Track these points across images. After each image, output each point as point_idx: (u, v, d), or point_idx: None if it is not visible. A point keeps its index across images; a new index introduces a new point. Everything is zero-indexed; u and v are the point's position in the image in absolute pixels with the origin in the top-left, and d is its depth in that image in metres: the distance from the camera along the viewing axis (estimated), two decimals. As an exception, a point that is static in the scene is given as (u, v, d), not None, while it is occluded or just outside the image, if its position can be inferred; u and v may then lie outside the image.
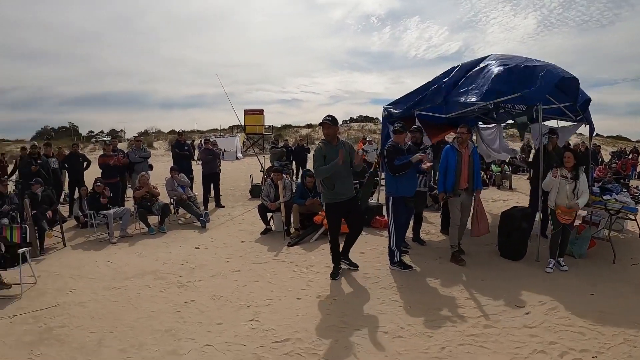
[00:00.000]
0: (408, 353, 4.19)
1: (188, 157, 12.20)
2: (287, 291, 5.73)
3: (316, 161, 5.96)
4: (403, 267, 6.51)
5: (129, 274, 6.51)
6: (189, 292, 5.66)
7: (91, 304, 5.45)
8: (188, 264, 6.83)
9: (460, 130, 7.05)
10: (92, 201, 9.10)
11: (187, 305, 5.24)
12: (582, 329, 4.74)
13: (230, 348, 4.22)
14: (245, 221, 10.08)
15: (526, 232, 7.18)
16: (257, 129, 37.53)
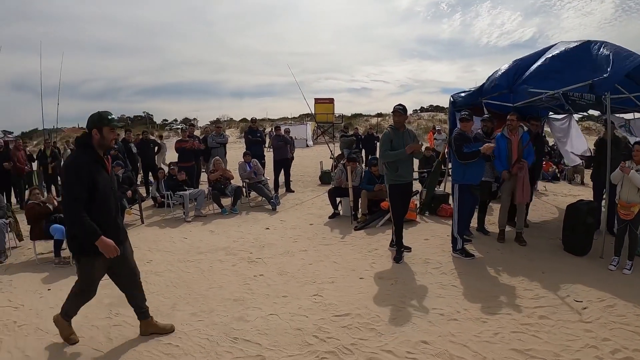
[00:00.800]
0: (461, 335, 4.31)
1: (260, 143, 12.62)
2: (351, 271, 5.95)
3: (383, 145, 6.29)
4: (465, 255, 6.59)
5: (202, 249, 6.94)
6: (258, 267, 6.00)
7: (166, 274, 5.89)
8: (258, 242, 7.20)
9: (510, 117, 7.22)
10: (169, 182, 9.67)
11: (256, 279, 5.58)
12: (638, 329, 4.65)
13: (293, 318, 4.50)
14: (314, 205, 10.39)
15: (591, 227, 7.04)
16: (328, 118, 37.64)
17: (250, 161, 10.54)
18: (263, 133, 14.04)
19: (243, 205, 10.17)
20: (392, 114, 6.48)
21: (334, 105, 39.28)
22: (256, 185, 10.31)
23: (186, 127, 13.73)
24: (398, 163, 6.24)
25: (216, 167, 10.07)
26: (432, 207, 9.36)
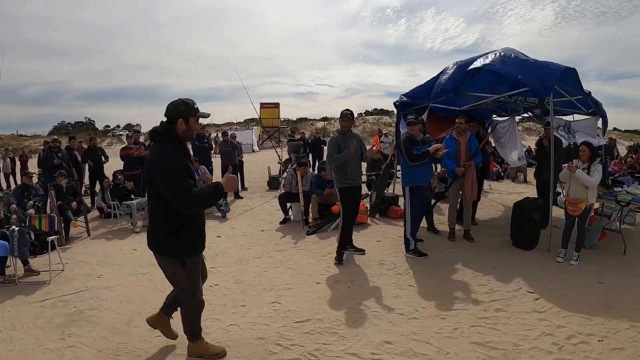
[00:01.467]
0: (422, 332, 4.44)
1: (208, 149, 12.48)
2: (307, 276, 5.98)
3: (331, 149, 6.38)
4: (418, 254, 6.75)
5: (153, 260, 6.65)
6: (213, 277, 5.84)
7: (119, 289, 5.74)
8: (210, 251, 7.06)
9: (458, 120, 7.50)
10: (115, 192, 9.43)
11: (212, 289, 5.48)
12: (590, 314, 4.93)
13: (254, 327, 4.48)
14: (264, 211, 10.36)
15: (537, 223, 7.35)
16: (273, 122, 37.76)
17: (199, 168, 10.39)
18: (210, 139, 13.89)
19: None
20: (340, 119, 6.58)
21: (279, 109, 39.38)
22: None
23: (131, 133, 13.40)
24: (347, 166, 6.34)
25: None
26: (382, 209, 9.53)
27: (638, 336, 4.50)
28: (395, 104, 9.36)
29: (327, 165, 7.23)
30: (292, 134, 18.67)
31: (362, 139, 6.86)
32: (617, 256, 7.04)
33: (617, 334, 4.54)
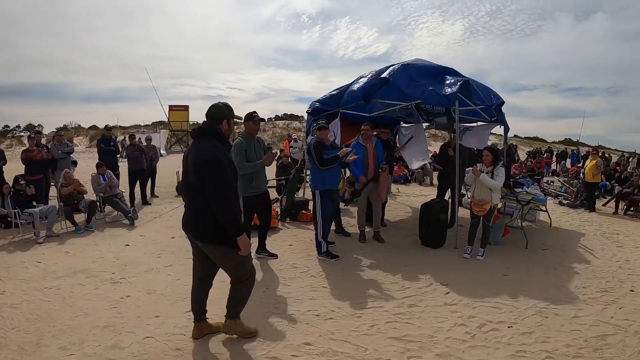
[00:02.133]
0: (340, 332, 4.60)
1: (114, 152, 12.04)
2: (221, 283, 5.84)
3: (237, 155, 6.21)
4: (330, 257, 6.93)
5: (59, 273, 6.49)
6: (124, 288, 5.75)
7: (24, 306, 5.41)
8: (119, 260, 6.88)
9: (364, 127, 7.78)
10: (16, 199, 8.83)
11: (123, 301, 5.35)
12: (498, 304, 5.41)
13: (170, 338, 4.41)
14: (173, 218, 10.15)
15: (444, 222, 7.80)
16: (182, 126, 36.73)
17: (105, 173, 10.03)
18: (116, 142, 13.41)
19: (98, 221, 9.58)
20: (251, 122, 6.50)
21: (188, 112, 38.32)
22: (111, 199, 9.83)
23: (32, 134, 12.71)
24: (253, 174, 6.35)
25: (68, 180, 9.30)
26: (292, 214, 9.64)
27: (544, 320, 5.01)
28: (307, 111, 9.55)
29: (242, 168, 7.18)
30: (200, 138, 18.40)
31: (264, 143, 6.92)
32: (519, 250, 7.67)
33: (525, 319, 5.03)
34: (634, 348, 4.52)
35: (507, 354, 4.29)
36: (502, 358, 4.23)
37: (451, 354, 4.25)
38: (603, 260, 7.58)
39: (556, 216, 11.29)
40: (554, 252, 7.88)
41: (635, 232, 10.21)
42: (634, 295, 6.03)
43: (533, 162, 23.39)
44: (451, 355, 4.23)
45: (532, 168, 20.72)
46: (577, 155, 27.93)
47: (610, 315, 5.31)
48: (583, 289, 6.15)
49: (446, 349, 4.34)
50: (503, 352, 4.32)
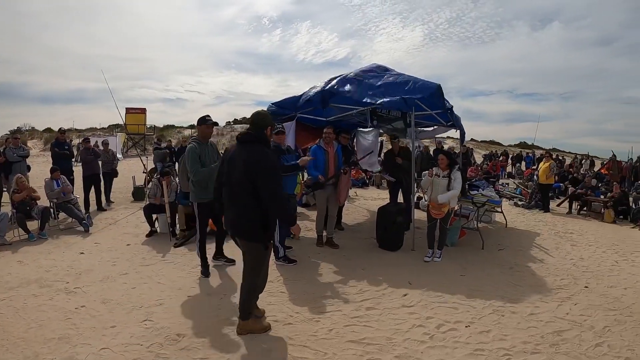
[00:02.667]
0: (298, 337, 4.58)
1: (69, 157, 11.69)
2: (177, 290, 5.86)
3: (192, 161, 6.12)
4: (288, 261, 6.92)
5: (11, 283, 6.26)
6: (78, 298, 5.59)
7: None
8: (74, 269, 6.68)
9: (327, 131, 7.76)
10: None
11: (78, 311, 5.19)
12: (455, 304, 5.51)
13: (127, 349, 4.30)
14: (129, 224, 9.94)
15: (401, 225, 7.87)
16: (139, 129, 35.90)
17: (59, 178, 9.74)
18: (71, 145, 13.04)
19: (52, 228, 9.26)
20: (202, 126, 6.40)
21: (146, 115, 37.49)
22: (65, 205, 9.55)
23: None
24: (208, 179, 6.16)
25: (20, 186, 8.96)
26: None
27: (501, 319, 5.12)
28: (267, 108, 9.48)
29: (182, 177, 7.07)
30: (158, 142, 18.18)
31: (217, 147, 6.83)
32: (476, 251, 7.82)
33: (482, 318, 5.13)
34: (589, 342, 4.68)
35: (465, 353, 4.36)
36: (460, 357, 4.30)
37: (410, 355, 4.29)
38: (557, 259, 7.79)
39: (511, 217, 11.56)
40: (509, 252, 8.05)
41: (588, 231, 10.54)
42: (589, 292, 6.22)
43: (489, 165, 23.94)
44: (410, 357, 4.27)
45: (488, 171, 21.17)
46: (532, 158, 28.61)
47: (565, 312, 5.47)
48: (538, 287, 6.32)
49: (405, 350, 4.38)
50: (461, 352, 4.39)
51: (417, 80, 7.88)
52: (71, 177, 10.99)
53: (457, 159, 7.97)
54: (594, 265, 7.60)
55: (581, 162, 28.22)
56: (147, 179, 13.94)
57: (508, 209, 13.15)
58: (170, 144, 17.80)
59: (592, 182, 14.54)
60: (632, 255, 8.40)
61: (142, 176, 14.57)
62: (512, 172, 27.17)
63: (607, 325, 5.14)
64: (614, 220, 12.27)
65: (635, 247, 9.17)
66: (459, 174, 7.18)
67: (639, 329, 5.10)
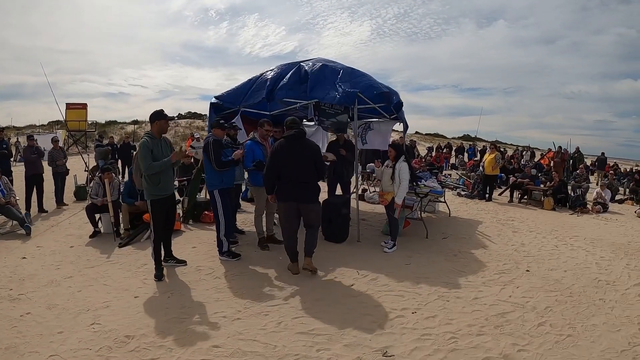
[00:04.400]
0: (248, 331, 4.62)
1: (7, 156, 11.26)
2: (124, 291, 5.78)
3: (145, 156, 5.93)
4: (232, 256, 6.96)
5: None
6: (23, 305, 5.42)
7: None
8: (16, 275, 6.46)
9: (267, 128, 7.66)
10: None
11: (23, 319, 5.04)
12: (402, 292, 5.68)
13: (76, 354, 4.22)
14: (72, 225, 9.68)
15: (346, 217, 7.98)
16: (80, 125, 34.35)
17: (1, 179, 9.40)
18: (9, 144, 12.55)
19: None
20: (160, 121, 6.19)
21: (87, 111, 36.13)
22: (5, 207, 9.20)
23: None
24: (161, 175, 6.09)
25: None
26: (195, 215, 9.51)
27: (447, 304, 5.32)
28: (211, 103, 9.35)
29: (136, 173, 6.93)
30: (100, 139, 17.74)
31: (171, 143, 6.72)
32: (420, 240, 8.05)
33: (428, 304, 5.32)
34: (532, 322, 4.94)
35: (413, 338, 4.52)
36: (408, 342, 4.44)
37: (359, 343, 4.40)
38: (500, 245, 8.07)
39: (455, 207, 11.87)
40: (453, 240, 8.30)
41: (529, 218, 10.95)
42: (530, 275, 6.50)
43: (432, 157, 24.42)
44: (359, 345, 4.38)
45: (432, 162, 21.57)
46: (474, 150, 29.33)
47: (508, 295, 5.72)
48: (482, 272, 6.56)
49: (354, 338, 4.48)
50: (409, 337, 4.55)
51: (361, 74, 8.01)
52: (10, 177, 10.60)
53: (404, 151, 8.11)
54: (534, 250, 7.92)
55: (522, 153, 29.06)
56: (89, 177, 13.61)
57: (451, 198, 13.50)
58: (112, 140, 17.36)
59: (531, 172, 15.03)
60: (570, 240, 8.78)
61: (84, 175, 14.23)
62: (455, 164, 27.77)
63: (549, 306, 5.41)
64: (553, 207, 12.80)
65: (573, 232, 9.60)
66: (404, 165, 7.34)
67: (579, 308, 5.39)
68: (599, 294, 5.91)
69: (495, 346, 4.41)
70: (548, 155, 22.10)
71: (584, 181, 16.34)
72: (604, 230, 10.16)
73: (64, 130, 33.39)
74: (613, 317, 5.17)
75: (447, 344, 4.44)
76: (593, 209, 12.83)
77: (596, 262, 7.30)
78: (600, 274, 6.70)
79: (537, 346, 4.44)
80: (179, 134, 40.52)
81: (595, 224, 11.00)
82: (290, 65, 8.56)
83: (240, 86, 8.92)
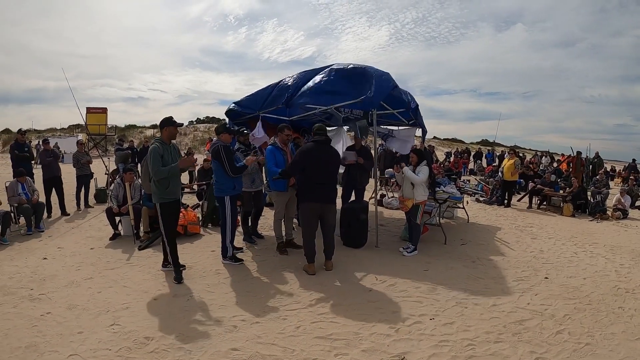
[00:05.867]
0: (266, 335, 4.63)
1: (28, 159, 11.38)
2: (144, 293, 5.83)
3: (154, 160, 5.97)
4: (234, 260, 7.01)
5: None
6: (43, 305, 5.50)
7: None
8: (37, 275, 6.56)
9: (287, 132, 7.66)
10: None
11: (44, 318, 5.11)
12: (420, 298, 5.67)
13: (96, 354, 4.27)
14: (92, 227, 9.80)
15: (365, 223, 7.98)
16: (100, 129, 34.79)
17: (26, 181, 9.54)
18: (30, 147, 12.68)
19: (13, 233, 8.93)
20: (169, 127, 6.26)
21: (107, 115, 36.55)
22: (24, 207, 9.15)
23: None
24: (170, 179, 6.14)
25: None
26: (214, 219, 9.55)
27: (464, 311, 5.28)
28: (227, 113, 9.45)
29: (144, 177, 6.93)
30: (120, 142, 17.89)
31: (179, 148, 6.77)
32: (439, 246, 8.03)
33: (446, 311, 5.28)
34: (550, 330, 4.88)
35: (430, 345, 4.50)
36: (426, 349, 4.42)
37: (377, 349, 4.39)
38: (518, 252, 8.02)
39: (473, 212, 11.80)
40: (471, 246, 8.26)
41: (548, 225, 10.84)
42: (548, 282, 6.43)
43: (450, 162, 24.35)
44: (377, 350, 4.37)
45: (450, 168, 21.50)
46: (492, 155, 29.10)
47: (527, 302, 5.68)
48: (500, 279, 6.51)
49: (372, 344, 4.48)
50: (427, 343, 4.52)
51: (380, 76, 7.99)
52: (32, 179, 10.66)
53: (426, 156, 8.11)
54: (553, 257, 7.84)
55: (541, 158, 28.81)
56: (110, 180, 13.73)
57: (470, 204, 13.43)
58: (132, 144, 17.50)
59: (551, 178, 14.91)
60: (590, 247, 8.69)
61: (104, 178, 14.36)
62: (473, 169, 27.57)
63: (567, 314, 5.35)
64: (572, 214, 12.66)
65: (593, 239, 9.49)
66: (425, 168, 7.40)
67: (597, 316, 5.32)
68: (618, 302, 5.84)
69: (513, 354, 4.38)
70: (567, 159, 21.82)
71: (604, 187, 16.13)
72: (623, 237, 10.03)
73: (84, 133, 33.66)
74: (632, 325, 5.10)
75: (465, 350, 4.42)
76: (613, 215, 12.67)
77: (616, 270, 7.21)
78: (620, 282, 6.62)
79: (555, 354, 4.40)
80: (198, 139, 40.64)
81: (615, 230, 10.86)
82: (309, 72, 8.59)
83: (260, 92, 8.96)
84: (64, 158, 21.67)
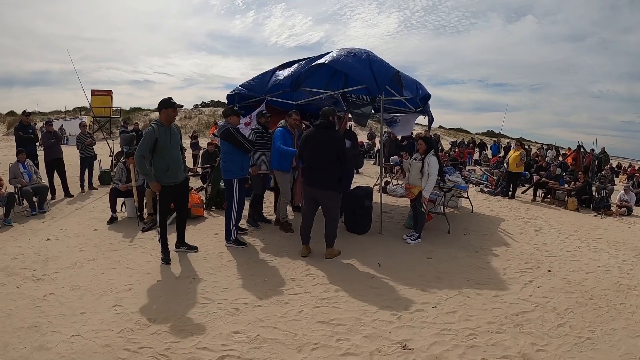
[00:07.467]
0: (268, 319, 4.65)
1: (33, 140, 11.37)
2: (146, 275, 5.83)
3: (144, 144, 5.91)
4: (238, 244, 7.02)
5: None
6: (46, 285, 5.51)
7: None
8: (40, 256, 6.57)
9: (295, 117, 7.82)
10: None
11: (47, 299, 5.11)
12: (423, 286, 5.66)
13: (98, 335, 4.28)
14: (96, 209, 9.82)
15: (369, 209, 7.96)
16: (105, 112, 34.44)
17: (25, 161, 9.54)
18: (35, 129, 12.71)
19: (17, 214, 8.98)
20: (168, 109, 6.06)
21: (112, 97, 36.35)
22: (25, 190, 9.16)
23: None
24: (169, 162, 6.04)
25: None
26: (218, 202, 9.55)
27: (467, 300, 5.29)
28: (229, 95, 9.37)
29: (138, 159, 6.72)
30: (125, 125, 17.85)
31: (180, 131, 6.61)
32: (442, 235, 8.01)
33: (449, 299, 5.29)
34: (552, 323, 4.87)
35: (432, 333, 4.50)
36: (427, 336, 4.42)
37: (378, 335, 4.40)
38: (522, 244, 8.00)
39: (477, 203, 11.78)
40: (475, 237, 8.24)
41: (552, 218, 10.83)
42: (551, 275, 6.42)
43: (456, 152, 24.32)
44: (378, 336, 4.38)
45: (455, 157, 21.47)
46: (498, 146, 28.99)
47: (529, 294, 5.66)
48: (503, 270, 6.50)
49: (373, 330, 4.49)
50: (428, 331, 4.53)
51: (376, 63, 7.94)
52: (35, 161, 10.67)
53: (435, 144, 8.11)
54: (556, 250, 7.83)
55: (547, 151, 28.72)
56: (114, 162, 13.75)
57: (474, 195, 13.40)
58: (137, 127, 17.46)
59: (556, 171, 14.87)
60: (593, 242, 8.66)
61: (109, 160, 14.37)
62: (478, 160, 27.52)
63: (569, 307, 5.33)
64: (576, 208, 12.62)
65: (596, 234, 9.48)
66: (433, 159, 7.36)
67: (599, 311, 5.30)
68: (620, 298, 5.82)
69: (514, 345, 4.38)
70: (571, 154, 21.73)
71: (609, 183, 16.08)
72: (627, 233, 10.01)
73: (89, 116, 33.61)
74: (633, 322, 5.08)
75: (466, 340, 4.42)
76: (617, 211, 12.64)
77: (618, 266, 7.18)
78: (622, 278, 6.60)
79: (556, 347, 4.40)
80: (203, 122, 40.61)
81: (619, 226, 10.83)
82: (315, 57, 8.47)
83: (264, 74, 8.88)
84: (68, 140, 21.61)
